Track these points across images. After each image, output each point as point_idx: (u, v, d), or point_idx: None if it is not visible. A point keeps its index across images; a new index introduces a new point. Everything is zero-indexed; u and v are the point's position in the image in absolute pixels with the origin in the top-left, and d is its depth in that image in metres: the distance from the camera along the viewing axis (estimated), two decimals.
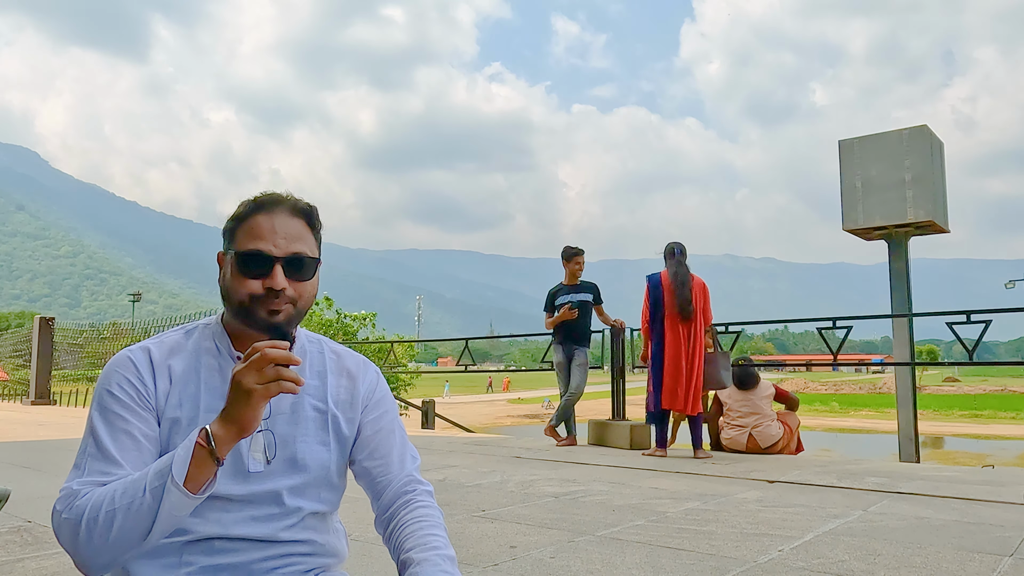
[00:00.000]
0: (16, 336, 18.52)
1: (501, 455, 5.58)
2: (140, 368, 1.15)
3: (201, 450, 1.01)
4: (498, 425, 29.59)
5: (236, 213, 1.19)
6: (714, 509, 3.27)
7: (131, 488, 1.02)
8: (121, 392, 1.12)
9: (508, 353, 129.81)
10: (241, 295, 1.15)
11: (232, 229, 1.18)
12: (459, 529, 2.82)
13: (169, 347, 1.19)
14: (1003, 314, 5.83)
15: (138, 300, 63.29)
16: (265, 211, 1.17)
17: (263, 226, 1.16)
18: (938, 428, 28.79)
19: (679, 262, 5.65)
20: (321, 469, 1.22)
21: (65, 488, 1.07)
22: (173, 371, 1.16)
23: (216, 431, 1.03)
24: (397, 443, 1.29)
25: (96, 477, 1.07)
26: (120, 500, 1.01)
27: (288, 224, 1.17)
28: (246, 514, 1.15)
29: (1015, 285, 40.02)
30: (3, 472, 4.42)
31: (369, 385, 1.30)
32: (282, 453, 1.19)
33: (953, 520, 3.02)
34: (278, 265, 1.14)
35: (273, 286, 1.13)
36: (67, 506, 1.04)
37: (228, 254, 1.18)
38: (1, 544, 2.53)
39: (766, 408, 6.12)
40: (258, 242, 1.15)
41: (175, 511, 1.01)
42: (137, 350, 1.17)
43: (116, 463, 1.08)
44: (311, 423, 1.22)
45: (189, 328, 1.24)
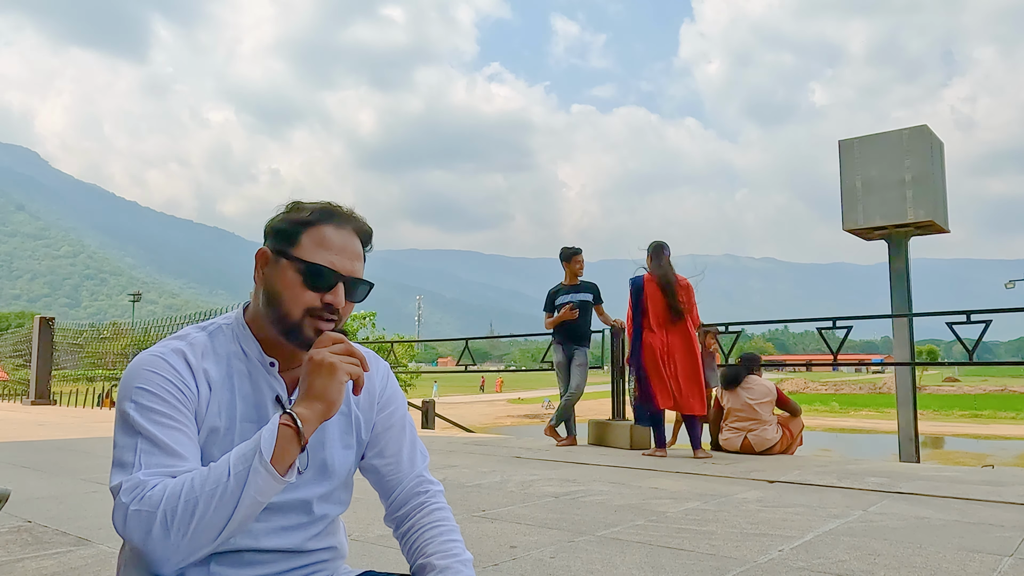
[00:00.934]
0: (16, 336, 18.52)
1: (501, 455, 5.58)
2: (179, 370, 1.07)
3: (287, 430, 0.97)
4: (498, 425, 29.59)
5: (299, 216, 1.12)
6: (714, 509, 3.27)
7: (212, 474, 0.96)
8: (162, 391, 1.04)
9: (508, 353, 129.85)
10: (297, 306, 1.08)
11: (294, 232, 1.10)
12: (459, 530, 2.82)
13: (200, 350, 1.11)
14: (1003, 314, 5.83)
15: (138, 300, 63.32)
16: (336, 224, 1.12)
17: (333, 240, 1.10)
18: (938, 428, 28.80)
19: (666, 263, 5.62)
20: (346, 473, 1.21)
21: (129, 479, 0.96)
22: (210, 376, 1.10)
23: (300, 411, 0.99)
24: (407, 440, 1.27)
25: (160, 469, 0.98)
26: (201, 488, 0.94)
27: (354, 243, 1.13)
28: (275, 524, 1.12)
29: (1015, 285, 40.03)
30: (3, 472, 4.42)
31: (381, 381, 1.28)
32: (313, 460, 1.16)
33: (953, 520, 3.02)
34: (341, 284, 1.10)
35: (334, 303, 1.09)
36: (136, 496, 0.95)
37: (284, 259, 1.10)
38: (1, 544, 2.53)
39: (764, 413, 6.00)
40: (329, 255, 1.09)
41: (260, 495, 0.96)
42: (170, 352, 1.08)
43: (179, 456, 1.00)
44: (336, 427, 1.19)
45: (210, 329, 1.16)
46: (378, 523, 2.71)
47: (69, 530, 2.75)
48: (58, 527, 2.79)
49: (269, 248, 1.13)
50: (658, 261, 5.63)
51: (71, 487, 3.89)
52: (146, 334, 14.62)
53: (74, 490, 3.77)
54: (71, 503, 3.37)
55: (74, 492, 3.71)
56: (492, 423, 30.14)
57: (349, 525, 2.78)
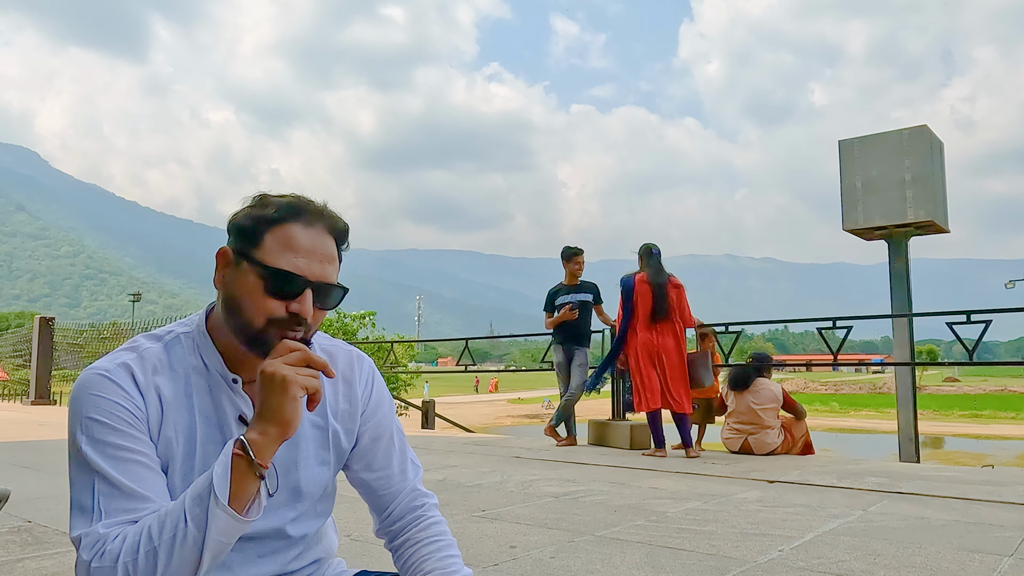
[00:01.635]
0: (16, 336, 18.51)
1: (501, 455, 5.58)
2: (127, 389, 0.95)
3: (239, 460, 0.87)
4: (498, 425, 29.60)
5: (263, 213, 0.97)
6: (714, 509, 3.27)
7: (169, 520, 0.87)
8: (112, 419, 0.93)
9: (508, 353, 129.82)
10: (258, 316, 0.96)
11: (256, 231, 0.97)
12: (459, 529, 2.82)
13: (152, 364, 0.98)
14: (1003, 314, 5.82)
15: (138, 300, 63.30)
16: (304, 222, 0.98)
17: (299, 241, 0.96)
18: (938, 428, 28.80)
19: (658, 264, 5.69)
20: (321, 491, 1.12)
21: (89, 534, 0.89)
22: (162, 394, 0.98)
23: (252, 436, 0.88)
24: (397, 451, 1.18)
25: (121, 516, 0.90)
26: (159, 536, 0.86)
27: (325, 243, 0.99)
28: (251, 553, 1.05)
29: (1015, 285, 40.04)
30: (3, 472, 4.42)
31: (366, 386, 1.16)
32: (284, 483, 1.06)
33: (953, 520, 3.02)
34: (309, 291, 0.97)
35: (300, 313, 0.96)
36: (96, 553, 0.87)
37: (246, 261, 0.97)
38: (1, 544, 2.53)
39: (768, 418, 5.94)
40: (294, 259, 0.95)
41: (223, 537, 0.87)
42: (115, 368, 0.96)
43: (139, 497, 0.91)
44: (310, 442, 1.08)
45: (166, 339, 1.02)
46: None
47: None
48: (58, 527, 2.79)
49: (230, 248, 0.99)
50: (648, 261, 5.67)
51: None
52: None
53: None
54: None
55: None
56: (492, 423, 30.14)
57: (348, 525, 2.78)
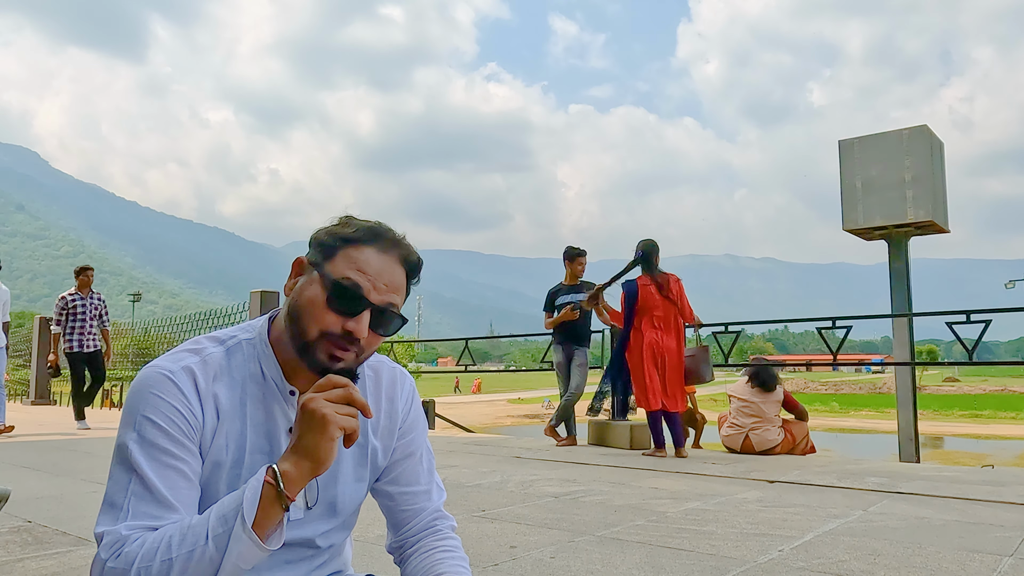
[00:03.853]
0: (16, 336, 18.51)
1: (501, 455, 5.58)
2: (187, 395, 0.98)
3: (269, 488, 0.88)
4: (498, 425, 29.59)
5: (343, 232, 1.02)
6: (714, 509, 3.27)
7: (190, 535, 0.89)
8: (167, 422, 0.96)
9: (508, 353, 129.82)
10: (314, 326, 0.98)
11: (333, 247, 1.01)
12: (459, 529, 2.81)
13: (214, 370, 1.02)
14: (1003, 314, 5.83)
15: (138, 300, 63.32)
16: (379, 246, 1.01)
17: (370, 263, 1.00)
18: (938, 428, 28.79)
19: (655, 263, 5.72)
20: (355, 507, 1.15)
21: (111, 533, 0.91)
22: (219, 403, 1.01)
23: (286, 468, 0.89)
24: (425, 470, 1.20)
25: (145, 521, 0.92)
26: (178, 548, 0.88)
27: (394, 271, 1.02)
28: (279, 559, 1.07)
29: (1015, 285, 40.07)
30: (3, 472, 4.42)
31: (406, 404, 1.18)
32: (323, 496, 1.08)
33: (953, 520, 3.02)
34: (368, 312, 0.99)
35: (355, 332, 0.97)
36: (113, 553, 0.89)
37: (316, 272, 1.00)
38: (1, 544, 2.53)
39: (770, 413, 5.99)
40: (361, 277, 0.98)
41: (241, 562, 0.88)
42: (180, 372, 0.99)
43: (168, 506, 0.93)
44: (350, 460, 1.11)
45: (228, 344, 1.05)
46: (378, 523, 2.71)
47: (69, 530, 2.75)
48: (58, 527, 2.79)
49: (307, 258, 1.04)
50: (649, 263, 5.68)
51: (71, 487, 3.89)
52: (146, 334, 14.63)
53: (74, 490, 3.77)
54: (71, 503, 3.37)
55: (74, 492, 3.70)
56: (492, 423, 30.13)
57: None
